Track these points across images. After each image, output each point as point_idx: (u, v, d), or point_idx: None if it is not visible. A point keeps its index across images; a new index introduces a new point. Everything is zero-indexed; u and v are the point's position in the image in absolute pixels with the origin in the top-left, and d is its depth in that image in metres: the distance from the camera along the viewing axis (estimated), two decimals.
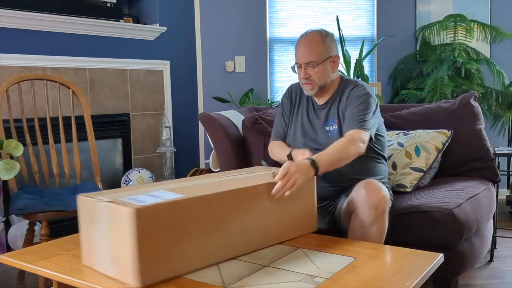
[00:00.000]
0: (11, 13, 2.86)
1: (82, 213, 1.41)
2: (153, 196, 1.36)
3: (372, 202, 1.72)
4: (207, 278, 1.32)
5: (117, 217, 1.28)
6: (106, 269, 1.34)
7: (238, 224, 1.49)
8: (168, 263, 1.31)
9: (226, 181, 1.62)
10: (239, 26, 4.17)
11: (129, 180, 3.30)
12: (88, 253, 1.41)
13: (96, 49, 3.37)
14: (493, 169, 2.51)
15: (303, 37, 2.03)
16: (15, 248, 2.80)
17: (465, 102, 2.55)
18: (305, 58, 1.97)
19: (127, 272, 1.26)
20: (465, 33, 3.97)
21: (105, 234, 1.32)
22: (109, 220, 1.31)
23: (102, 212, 1.33)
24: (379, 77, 4.26)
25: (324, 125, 2.05)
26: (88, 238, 1.39)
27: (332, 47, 2.01)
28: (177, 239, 1.32)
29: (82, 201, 1.40)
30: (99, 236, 1.35)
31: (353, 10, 4.23)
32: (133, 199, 1.33)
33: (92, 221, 1.36)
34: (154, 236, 1.27)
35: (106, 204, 1.31)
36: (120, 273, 1.29)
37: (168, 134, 3.68)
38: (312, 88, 2.01)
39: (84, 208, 1.40)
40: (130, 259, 1.24)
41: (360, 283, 1.27)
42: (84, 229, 1.41)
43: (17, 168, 2.15)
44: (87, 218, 1.39)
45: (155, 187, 1.52)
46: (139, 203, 1.27)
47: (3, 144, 2.18)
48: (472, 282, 2.43)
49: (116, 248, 1.29)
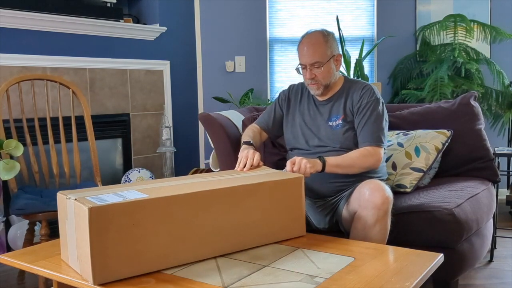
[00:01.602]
0: (11, 13, 2.86)
1: (60, 210, 1.46)
2: (119, 196, 1.38)
3: (375, 203, 1.73)
4: (207, 278, 1.32)
5: (79, 215, 1.32)
6: (74, 265, 1.39)
7: (208, 225, 1.46)
8: (126, 262, 1.32)
9: (207, 182, 1.59)
10: (239, 26, 4.17)
11: (129, 180, 3.30)
12: (64, 248, 1.46)
13: (96, 49, 3.36)
14: (493, 169, 2.51)
15: (305, 38, 2.04)
16: (15, 248, 2.80)
17: (465, 102, 2.55)
18: (310, 59, 1.98)
19: (87, 269, 1.30)
20: (465, 33, 3.97)
21: (73, 231, 1.38)
22: (75, 217, 1.35)
23: (71, 209, 1.37)
24: (379, 77, 4.26)
25: (327, 121, 2.07)
26: (63, 234, 1.45)
27: (334, 46, 2.03)
28: (135, 239, 1.33)
29: (59, 198, 1.46)
30: (70, 233, 1.40)
31: (353, 10, 4.23)
32: (98, 198, 1.36)
33: (65, 217, 1.42)
34: (109, 235, 1.29)
35: (72, 202, 1.36)
36: (83, 269, 1.33)
37: (168, 134, 3.68)
38: (318, 87, 2.03)
39: (61, 205, 1.45)
40: (88, 256, 1.28)
41: (360, 283, 1.27)
42: (61, 225, 1.46)
43: (17, 168, 2.14)
44: (62, 215, 1.44)
45: (130, 187, 1.52)
46: (98, 202, 1.30)
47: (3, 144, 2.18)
48: (472, 282, 2.43)
49: (80, 245, 1.34)
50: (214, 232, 1.48)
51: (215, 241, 1.48)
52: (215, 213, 1.48)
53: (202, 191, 1.46)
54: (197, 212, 1.44)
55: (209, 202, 1.46)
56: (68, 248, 1.42)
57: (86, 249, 1.28)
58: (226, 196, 1.50)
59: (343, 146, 2.00)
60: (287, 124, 2.20)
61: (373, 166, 1.98)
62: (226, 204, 1.50)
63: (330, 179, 1.97)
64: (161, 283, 1.29)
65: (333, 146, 2.02)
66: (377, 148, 1.96)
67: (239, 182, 1.58)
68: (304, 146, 2.10)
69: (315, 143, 2.06)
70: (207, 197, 1.46)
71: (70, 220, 1.38)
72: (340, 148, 2.00)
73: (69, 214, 1.38)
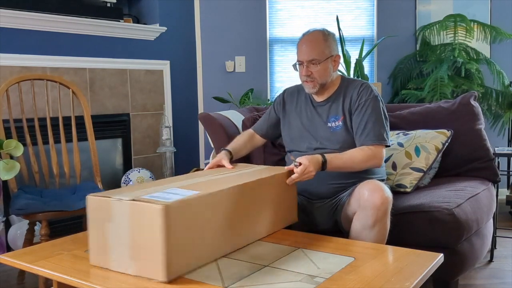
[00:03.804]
0: (11, 13, 2.86)
1: (94, 214, 1.41)
2: (172, 193, 1.41)
3: (375, 203, 1.72)
4: (207, 278, 1.32)
5: (142, 215, 1.31)
6: (124, 268, 1.36)
7: (244, 216, 1.58)
8: (190, 256, 1.37)
9: (230, 177, 1.70)
10: (239, 26, 4.17)
11: (129, 180, 3.30)
12: (98, 253, 1.41)
13: (96, 49, 3.37)
14: (493, 169, 2.51)
15: (305, 35, 2.04)
16: (15, 248, 2.80)
17: (465, 102, 2.55)
18: (308, 55, 1.98)
19: (154, 268, 1.29)
20: (465, 33, 3.97)
21: (123, 233, 1.34)
22: (131, 218, 1.33)
23: (121, 210, 1.35)
24: (379, 77, 4.26)
25: (326, 121, 2.05)
26: (100, 238, 1.40)
27: (333, 46, 2.03)
28: (197, 234, 1.37)
29: (94, 201, 1.41)
30: (115, 235, 1.36)
31: (353, 10, 4.23)
32: (155, 196, 1.37)
33: (107, 220, 1.38)
34: (179, 231, 1.31)
35: (128, 203, 1.33)
36: (144, 269, 1.32)
37: (168, 134, 3.68)
38: (314, 86, 2.01)
39: (96, 208, 1.41)
40: (158, 254, 1.28)
41: (360, 283, 1.27)
42: (94, 230, 1.41)
43: (17, 168, 2.15)
44: (99, 218, 1.40)
45: (164, 185, 1.54)
46: (165, 201, 1.30)
47: (3, 144, 2.18)
48: (472, 282, 2.43)
49: (139, 245, 1.32)
50: (246, 221, 1.60)
51: (247, 229, 1.61)
52: (247, 203, 1.60)
53: (243, 184, 1.59)
54: (237, 203, 1.55)
55: (244, 194, 1.58)
56: (110, 250, 1.38)
57: (155, 247, 1.28)
58: (254, 188, 1.64)
59: (344, 146, 1.99)
60: (284, 127, 2.19)
61: (376, 166, 1.97)
62: (253, 194, 1.63)
63: (328, 181, 1.96)
64: (161, 283, 1.29)
65: (332, 147, 2.01)
66: (380, 147, 1.94)
67: (258, 175, 1.72)
68: (302, 148, 2.08)
69: (313, 145, 2.05)
70: (243, 189, 1.58)
71: (117, 222, 1.36)
72: (340, 149, 1.99)
73: (117, 216, 1.36)
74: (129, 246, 1.34)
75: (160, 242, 1.28)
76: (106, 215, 1.38)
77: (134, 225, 1.33)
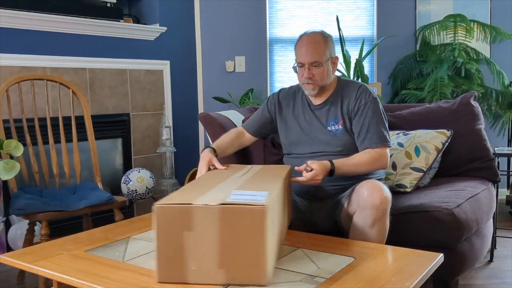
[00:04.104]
0: (11, 13, 2.86)
1: (166, 224, 1.27)
2: (247, 194, 1.35)
3: (374, 203, 1.72)
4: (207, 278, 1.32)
5: (236, 219, 1.24)
6: (211, 278, 1.27)
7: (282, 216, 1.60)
8: (273, 258, 1.36)
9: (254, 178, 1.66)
10: (239, 26, 4.17)
11: (129, 180, 3.30)
12: (171, 267, 1.28)
13: (96, 49, 3.36)
14: (493, 169, 2.51)
15: (304, 36, 2.01)
16: (15, 248, 2.80)
17: (465, 102, 2.55)
18: (310, 57, 1.95)
19: (252, 272, 1.25)
20: (465, 33, 3.97)
21: (209, 240, 1.26)
22: (221, 224, 1.25)
23: (208, 217, 1.25)
24: (379, 77, 4.26)
25: (325, 125, 2.04)
26: (174, 250, 1.27)
27: (332, 48, 2.02)
28: (273, 234, 1.35)
29: (168, 210, 1.27)
30: (196, 245, 1.26)
31: (353, 10, 4.23)
32: (237, 198, 1.30)
33: (185, 229, 1.26)
34: (270, 233, 1.28)
35: (218, 208, 1.25)
36: (238, 276, 1.26)
37: (168, 134, 3.68)
38: (314, 88, 1.99)
39: (170, 218, 1.27)
40: (259, 257, 1.24)
41: (360, 283, 1.27)
42: (165, 242, 1.28)
43: (17, 168, 2.15)
44: (174, 228, 1.27)
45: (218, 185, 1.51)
46: (258, 202, 1.26)
47: (3, 144, 2.18)
48: (472, 282, 2.43)
49: (231, 251, 1.25)
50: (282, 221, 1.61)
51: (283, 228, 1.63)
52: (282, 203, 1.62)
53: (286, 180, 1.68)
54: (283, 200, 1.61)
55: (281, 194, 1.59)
56: (189, 262, 1.27)
57: (254, 251, 1.24)
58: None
59: (344, 150, 1.99)
60: (281, 130, 2.17)
61: (382, 167, 1.98)
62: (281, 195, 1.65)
63: (328, 182, 1.96)
64: (161, 283, 1.29)
65: (332, 150, 2.00)
66: (385, 149, 1.95)
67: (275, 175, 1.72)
68: (301, 151, 2.07)
69: (313, 149, 2.03)
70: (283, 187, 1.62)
71: (203, 229, 1.26)
72: (340, 152, 1.99)
73: (200, 223, 1.25)
74: (217, 253, 1.26)
75: (260, 244, 1.23)
76: (185, 224, 1.26)
77: (225, 230, 1.25)
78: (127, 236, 1.73)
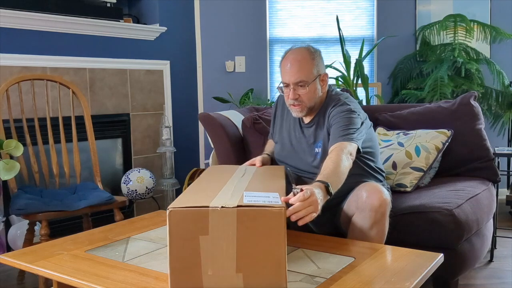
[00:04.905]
0: (11, 13, 2.86)
1: (180, 229, 1.21)
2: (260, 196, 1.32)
3: (373, 205, 1.70)
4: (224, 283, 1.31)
5: (255, 221, 1.20)
6: (227, 283, 1.22)
7: None
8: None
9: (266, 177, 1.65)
10: (239, 26, 4.17)
11: (129, 180, 3.30)
12: (185, 273, 1.22)
13: (96, 49, 3.36)
14: (493, 169, 2.51)
15: (289, 53, 1.88)
16: (15, 248, 2.80)
17: (465, 102, 2.55)
18: (295, 77, 1.83)
19: (274, 276, 1.21)
20: (465, 33, 3.97)
21: (226, 244, 1.21)
22: (238, 227, 1.20)
23: (225, 220, 1.20)
24: (379, 77, 4.26)
25: (313, 146, 1.95)
26: (188, 255, 1.22)
27: (321, 65, 1.89)
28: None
29: (182, 214, 1.21)
30: (212, 249, 1.22)
31: (353, 10, 4.23)
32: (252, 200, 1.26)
33: (201, 233, 1.21)
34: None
35: (235, 210, 1.20)
36: (256, 279, 1.22)
37: (168, 134, 3.68)
38: (302, 110, 1.88)
39: (185, 221, 1.21)
40: (278, 261, 1.20)
41: (360, 283, 1.27)
42: (179, 247, 1.21)
43: (17, 168, 2.15)
44: (189, 232, 1.21)
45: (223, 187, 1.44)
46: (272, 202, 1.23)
47: (3, 144, 2.18)
48: (472, 282, 2.43)
49: (249, 255, 1.21)
50: None
51: None
52: None
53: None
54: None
55: None
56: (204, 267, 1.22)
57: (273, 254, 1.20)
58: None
59: None
60: (275, 135, 2.13)
61: (349, 162, 1.72)
62: None
63: None
64: (161, 282, 1.29)
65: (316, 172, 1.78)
66: (344, 142, 1.74)
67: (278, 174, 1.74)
68: (290, 165, 2.00)
69: (301, 167, 1.97)
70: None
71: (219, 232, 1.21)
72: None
73: (219, 226, 1.21)
74: (235, 257, 1.21)
75: (280, 247, 1.20)
76: (201, 228, 1.20)
77: (242, 233, 1.20)
78: (127, 236, 1.73)
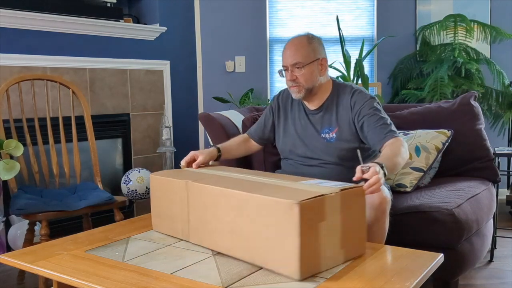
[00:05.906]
0: (11, 13, 2.86)
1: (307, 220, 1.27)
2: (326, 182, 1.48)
3: (373, 203, 1.72)
4: (207, 278, 1.32)
5: (353, 201, 1.40)
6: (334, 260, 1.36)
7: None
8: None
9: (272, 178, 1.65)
10: (239, 26, 4.17)
11: (129, 180, 3.30)
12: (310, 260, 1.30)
13: (96, 49, 3.37)
14: (493, 169, 2.51)
15: (289, 41, 2.01)
16: (15, 248, 2.80)
17: (465, 102, 2.55)
18: (291, 59, 1.94)
19: (361, 244, 1.42)
20: (465, 33, 3.97)
21: (336, 226, 1.36)
22: (342, 207, 1.36)
23: (336, 204, 1.35)
24: (379, 77, 4.26)
25: (320, 132, 2.01)
26: (313, 243, 1.31)
27: (319, 50, 1.97)
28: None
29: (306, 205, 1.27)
30: (328, 232, 1.34)
31: (353, 10, 4.23)
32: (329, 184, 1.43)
33: (319, 220, 1.31)
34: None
35: (342, 193, 1.36)
36: (352, 252, 1.40)
37: (168, 134, 3.68)
38: (299, 90, 1.97)
39: (309, 212, 1.28)
40: (363, 231, 1.41)
41: (360, 283, 1.27)
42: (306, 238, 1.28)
43: (17, 168, 2.15)
44: (312, 222, 1.30)
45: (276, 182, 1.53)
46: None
47: (3, 144, 2.18)
48: (472, 282, 2.43)
49: (348, 230, 1.38)
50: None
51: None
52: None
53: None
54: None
55: None
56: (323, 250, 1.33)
57: (361, 226, 1.42)
58: None
59: (338, 159, 1.96)
60: (279, 133, 2.15)
61: (407, 153, 1.84)
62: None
63: None
64: (161, 282, 1.29)
65: (326, 159, 1.98)
66: (397, 138, 1.84)
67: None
68: (296, 157, 2.05)
69: (308, 155, 2.01)
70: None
71: (332, 216, 1.33)
72: (334, 162, 1.95)
73: (331, 211, 1.33)
74: (339, 236, 1.36)
75: (363, 219, 1.41)
76: (320, 215, 1.31)
77: (344, 213, 1.36)
78: (127, 236, 1.73)
